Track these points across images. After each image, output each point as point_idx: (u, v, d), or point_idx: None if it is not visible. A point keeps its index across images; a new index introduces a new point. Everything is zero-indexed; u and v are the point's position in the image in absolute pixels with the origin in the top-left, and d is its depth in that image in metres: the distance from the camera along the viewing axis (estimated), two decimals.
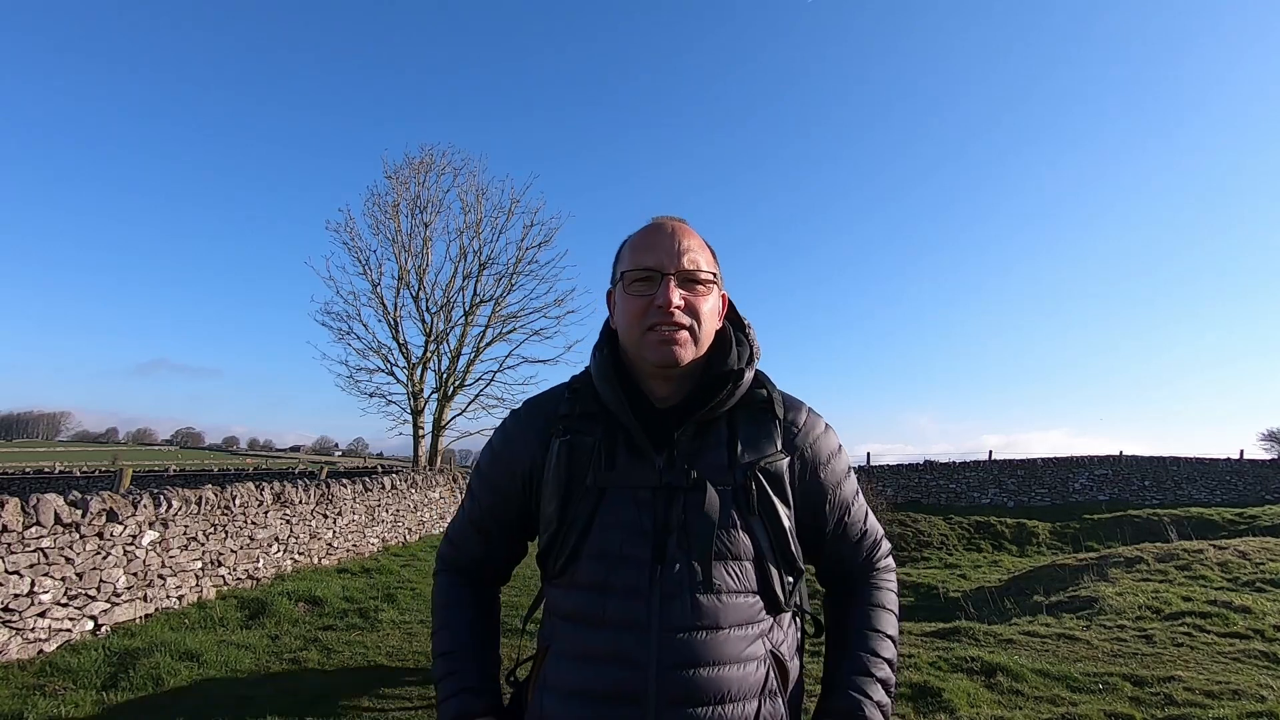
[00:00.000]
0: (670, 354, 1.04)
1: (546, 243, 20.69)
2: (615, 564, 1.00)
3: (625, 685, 0.96)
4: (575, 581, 1.03)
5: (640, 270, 1.06)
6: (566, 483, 1.06)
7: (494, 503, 1.16)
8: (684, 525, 1.00)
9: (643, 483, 1.03)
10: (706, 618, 0.97)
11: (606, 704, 0.96)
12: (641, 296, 1.06)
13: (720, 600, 0.98)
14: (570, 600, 1.03)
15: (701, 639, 0.96)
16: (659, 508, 1.01)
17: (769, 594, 1.02)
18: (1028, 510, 18.82)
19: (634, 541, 1.00)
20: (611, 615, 0.99)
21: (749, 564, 1.01)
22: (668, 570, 0.98)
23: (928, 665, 4.86)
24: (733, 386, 1.07)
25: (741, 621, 0.99)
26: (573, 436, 1.08)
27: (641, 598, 0.98)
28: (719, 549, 1.00)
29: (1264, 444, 30.19)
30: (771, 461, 1.05)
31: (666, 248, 1.07)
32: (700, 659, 0.96)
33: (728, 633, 0.98)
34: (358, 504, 9.66)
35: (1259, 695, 4.21)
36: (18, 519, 4.58)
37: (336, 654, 5.10)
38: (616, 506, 1.03)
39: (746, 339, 1.15)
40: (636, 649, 0.96)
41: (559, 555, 1.05)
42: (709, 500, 1.00)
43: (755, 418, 1.09)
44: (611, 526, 1.02)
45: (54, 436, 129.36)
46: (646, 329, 1.04)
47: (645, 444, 1.04)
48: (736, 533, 1.01)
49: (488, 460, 1.17)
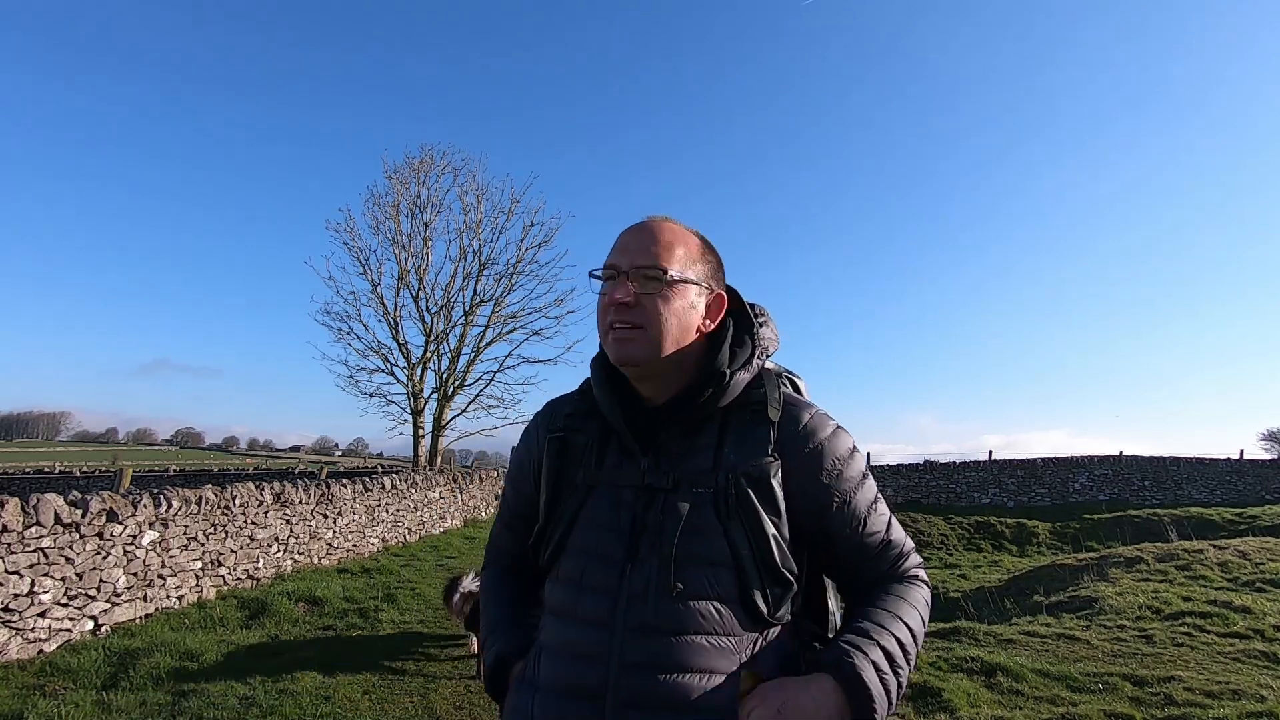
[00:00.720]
0: (622, 352, 1.03)
1: (546, 243, 20.72)
2: (591, 561, 1.01)
3: (587, 681, 0.96)
4: (558, 576, 1.05)
5: (605, 269, 1.07)
6: (556, 479, 1.09)
7: (518, 502, 1.21)
8: (659, 526, 0.99)
9: (627, 482, 1.04)
10: (671, 621, 0.95)
11: (570, 699, 0.97)
12: (604, 295, 1.07)
13: (688, 605, 0.95)
14: (554, 595, 1.06)
15: (665, 642, 0.94)
16: (638, 508, 1.02)
17: (748, 604, 0.97)
18: (1028, 510, 18.81)
19: (609, 539, 1.01)
20: (584, 611, 1.00)
21: (726, 570, 0.97)
22: (637, 569, 0.98)
23: (928, 665, 4.86)
24: (716, 388, 1.04)
25: (714, 631, 0.95)
26: (567, 434, 1.10)
27: (610, 595, 0.98)
28: (691, 553, 0.97)
29: (1264, 444, 30.22)
30: (758, 465, 1.01)
31: (633, 246, 1.06)
32: (661, 662, 0.93)
33: (695, 639, 0.94)
34: (358, 504, 9.65)
35: (1259, 695, 4.21)
36: (18, 519, 4.58)
37: (336, 654, 5.10)
38: (599, 504, 1.04)
39: (752, 338, 1.11)
40: (600, 646, 0.97)
41: (545, 548, 1.08)
42: (680, 503, 0.99)
43: (750, 419, 1.05)
44: (592, 524, 1.03)
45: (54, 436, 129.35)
46: (608, 328, 1.05)
47: (632, 445, 1.05)
48: (714, 538, 0.98)
49: (514, 462, 1.24)
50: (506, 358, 20.72)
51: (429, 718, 4.13)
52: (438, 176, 20.52)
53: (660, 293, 1.03)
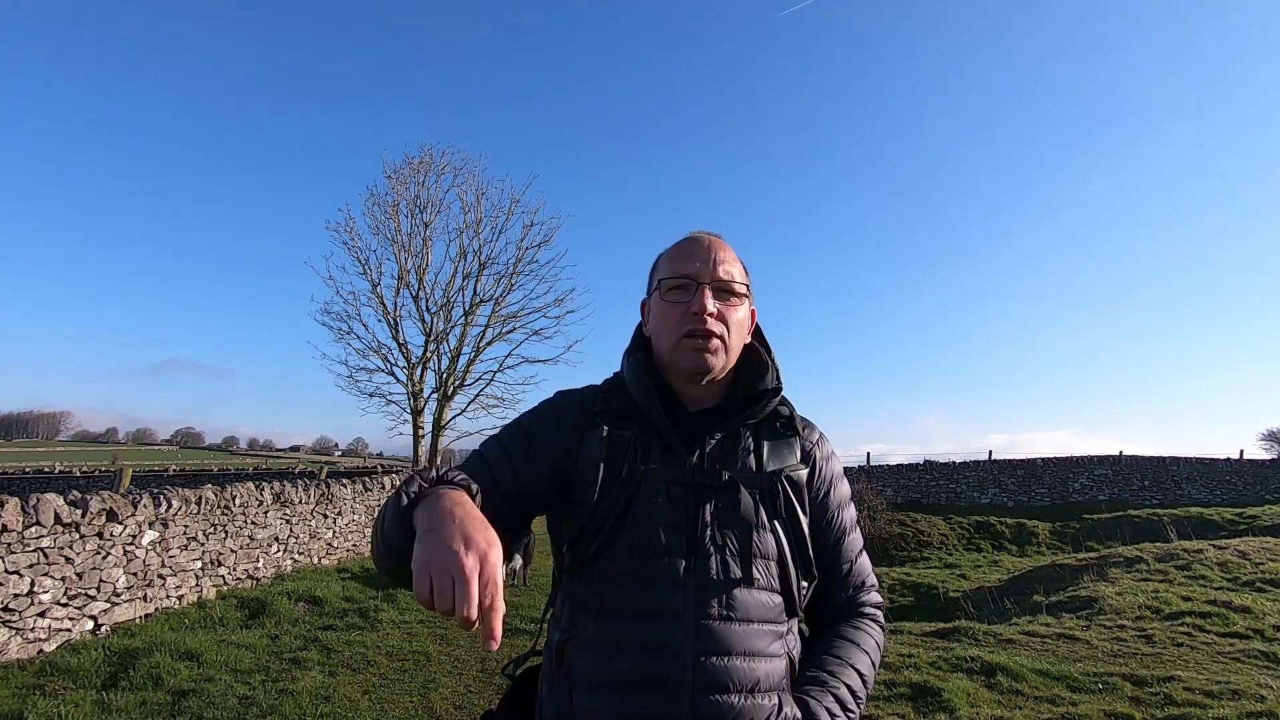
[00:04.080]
0: (703, 361, 1.09)
1: (546, 242, 20.68)
2: (650, 555, 1.03)
3: (661, 672, 0.97)
4: (606, 572, 1.04)
5: (677, 278, 1.12)
6: (604, 472, 1.08)
7: (510, 479, 1.07)
8: (717, 521, 1.05)
9: (677, 479, 1.07)
10: (739, 610, 1.01)
11: (641, 691, 0.97)
12: (678, 304, 1.11)
13: (752, 595, 1.03)
14: (600, 590, 1.04)
15: (735, 629, 1.00)
16: (690, 503, 1.06)
17: (789, 594, 1.07)
18: (1028, 510, 18.82)
19: (670, 534, 1.04)
20: (645, 605, 1.01)
21: (773, 564, 1.06)
22: (702, 563, 1.02)
23: (928, 665, 4.86)
24: (766, 402, 1.14)
25: (767, 619, 1.04)
26: (613, 429, 1.11)
27: (678, 587, 1.01)
28: (753, 547, 1.04)
29: (1264, 444, 30.17)
30: (795, 471, 1.12)
31: (703, 258, 1.13)
32: (734, 648, 0.99)
33: (757, 627, 1.02)
34: (357, 504, 9.66)
35: (1259, 695, 4.21)
36: (17, 519, 4.58)
37: (336, 654, 5.10)
38: (651, 499, 1.06)
39: (773, 362, 1.20)
40: (672, 636, 0.99)
41: (590, 543, 1.05)
42: (744, 499, 1.05)
43: (778, 432, 1.15)
44: (647, 519, 1.05)
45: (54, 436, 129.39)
46: (682, 336, 1.10)
47: (678, 445, 1.09)
48: (764, 533, 1.06)
49: (518, 439, 1.11)
50: (506, 357, 20.71)
51: (429, 718, 4.13)
52: (437, 176, 20.50)
53: (737, 306, 1.14)
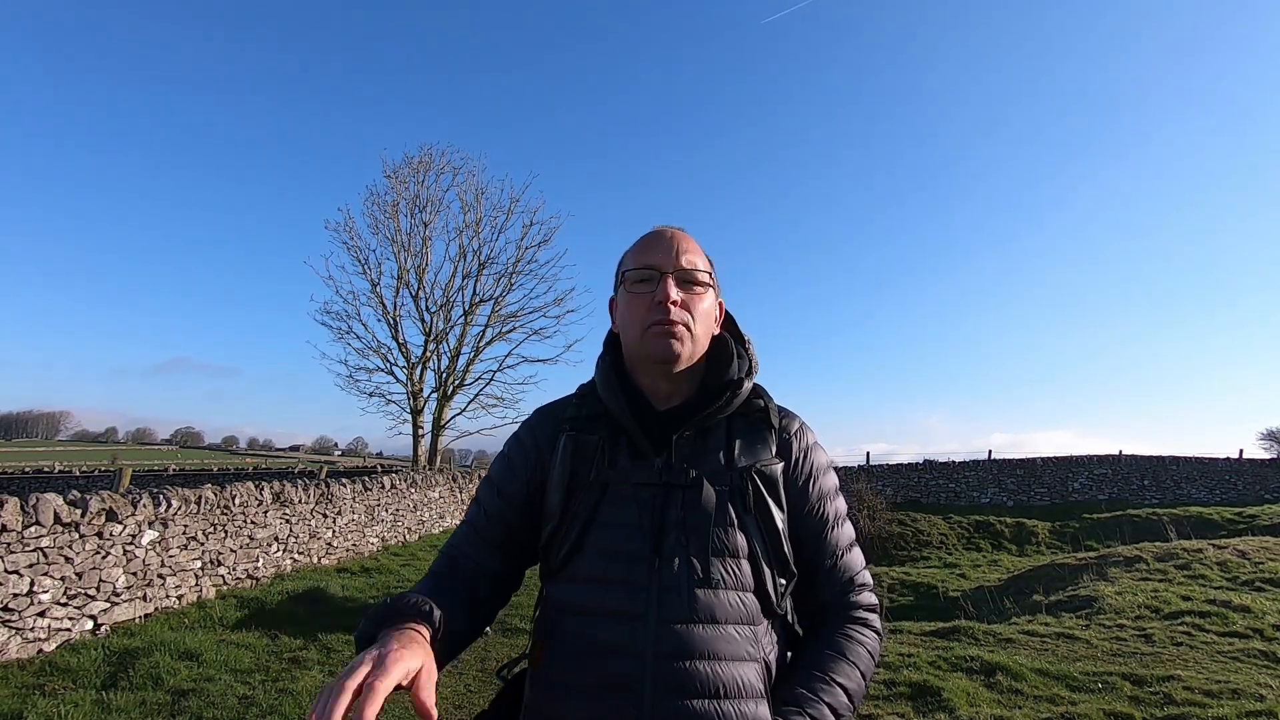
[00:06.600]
0: (669, 347, 1.08)
1: (546, 242, 20.75)
2: (615, 558, 1.02)
3: (621, 675, 0.97)
4: (576, 575, 1.05)
5: (641, 269, 1.13)
6: (570, 477, 1.09)
7: (501, 508, 1.15)
8: (682, 521, 1.03)
9: (643, 480, 1.06)
10: (703, 611, 0.99)
11: (602, 695, 0.97)
12: (643, 295, 1.12)
13: (716, 596, 1.00)
14: (570, 594, 1.05)
15: (698, 631, 0.98)
16: (658, 505, 1.05)
17: (763, 593, 1.04)
18: (1027, 510, 18.82)
19: (634, 537, 1.03)
20: (610, 608, 1.00)
21: (744, 562, 1.04)
22: (666, 564, 1.01)
23: (927, 664, 4.86)
24: (731, 395, 1.12)
25: (738, 620, 1.01)
26: (578, 434, 1.12)
27: (641, 590, 1.00)
28: (715, 545, 1.02)
29: (1263, 443, 30.14)
30: (767, 465, 1.10)
31: (665, 250, 1.14)
32: (696, 651, 0.97)
33: (724, 628, 1.00)
34: (357, 503, 9.66)
35: (1258, 694, 4.21)
36: (17, 518, 4.58)
37: (336, 654, 5.10)
38: (618, 503, 1.06)
39: (746, 353, 1.19)
40: (634, 639, 0.98)
41: (560, 548, 1.07)
42: (705, 495, 1.03)
43: (752, 426, 1.13)
44: (613, 522, 1.05)
45: (53, 436, 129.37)
46: (648, 325, 1.10)
47: (645, 446, 1.08)
48: (732, 531, 1.04)
49: (500, 467, 1.18)
50: (506, 357, 20.77)
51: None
52: (437, 176, 20.56)
53: (701, 296, 1.13)
